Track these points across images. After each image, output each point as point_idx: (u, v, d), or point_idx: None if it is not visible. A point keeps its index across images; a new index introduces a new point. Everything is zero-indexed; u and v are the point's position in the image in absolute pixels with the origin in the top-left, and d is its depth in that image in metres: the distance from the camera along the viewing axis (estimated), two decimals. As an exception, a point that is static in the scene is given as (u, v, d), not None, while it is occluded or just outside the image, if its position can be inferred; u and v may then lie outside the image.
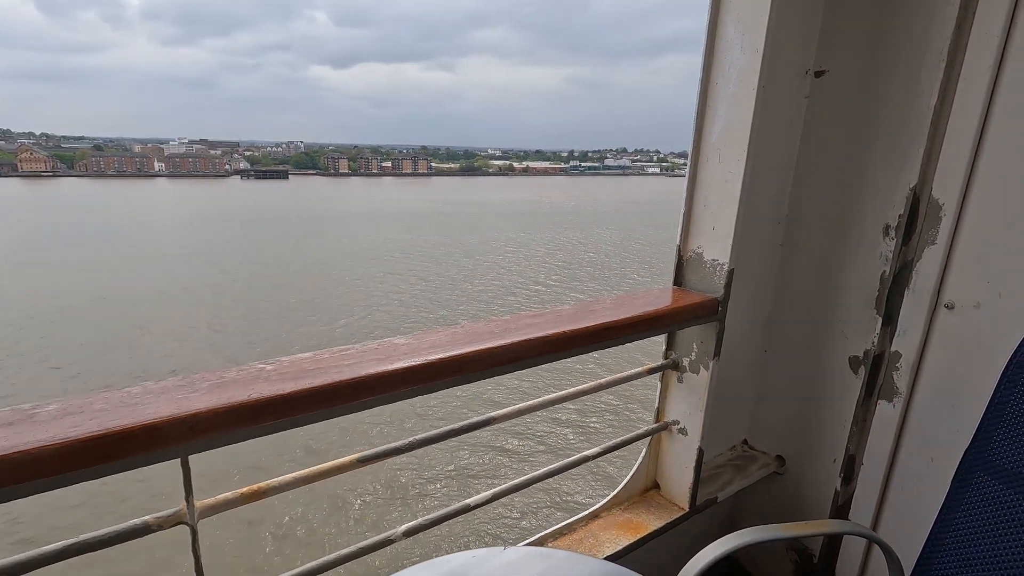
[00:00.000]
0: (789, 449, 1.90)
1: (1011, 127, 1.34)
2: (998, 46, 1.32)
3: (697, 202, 1.51)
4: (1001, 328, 1.39)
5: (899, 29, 1.47)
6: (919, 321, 1.53)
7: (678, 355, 1.61)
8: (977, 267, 1.42)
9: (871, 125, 1.55)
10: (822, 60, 1.63)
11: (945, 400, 1.51)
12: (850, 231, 1.64)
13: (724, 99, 1.41)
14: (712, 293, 1.50)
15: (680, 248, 1.56)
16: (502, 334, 1.11)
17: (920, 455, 1.58)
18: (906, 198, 1.50)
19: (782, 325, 1.84)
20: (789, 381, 1.85)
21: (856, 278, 1.64)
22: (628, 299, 1.43)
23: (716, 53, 1.41)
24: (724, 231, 1.45)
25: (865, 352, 1.65)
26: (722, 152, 1.43)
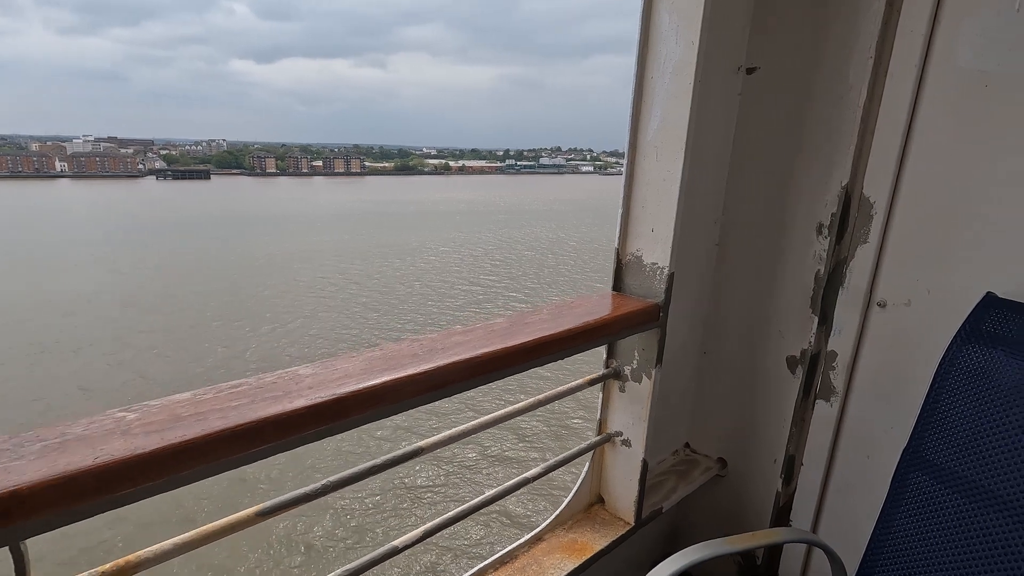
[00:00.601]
0: (731, 451, 1.87)
1: (935, 124, 1.34)
2: (923, 44, 1.32)
3: (635, 203, 1.43)
4: (930, 325, 1.40)
5: (828, 25, 1.46)
6: (853, 320, 1.52)
7: (620, 363, 1.54)
8: (906, 265, 1.43)
9: (802, 122, 1.54)
10: (753, 56, 1.60)
11: (879, 397, 1.52)
12: (784, 230, 1.62)
13: (660, 94, 1.34)
14: (653, 298, 1.43)
15: (619, 251, 1.48)
16: (426, 357, 0.97)
17: (857, 453, 1.58)
18: (838, 196, 1.49)
19: (720, 326, 1.81)
20: (729, 383, 1.83)
21: (791, 278, 1.63)
22: (567, 308, 1.33)
23: (651, 45, 1.34)
24: (663, 233, 1.38)
25: (802, 352, 1.64)
26: (659, 150, 1.36)
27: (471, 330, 1.12)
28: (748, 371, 1.77)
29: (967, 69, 1.28)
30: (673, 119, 1.32)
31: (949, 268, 1.36)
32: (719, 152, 1.65)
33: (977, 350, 1.22)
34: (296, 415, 0.78)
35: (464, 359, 0.99)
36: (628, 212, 1.45)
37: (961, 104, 1.30)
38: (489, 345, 1.05)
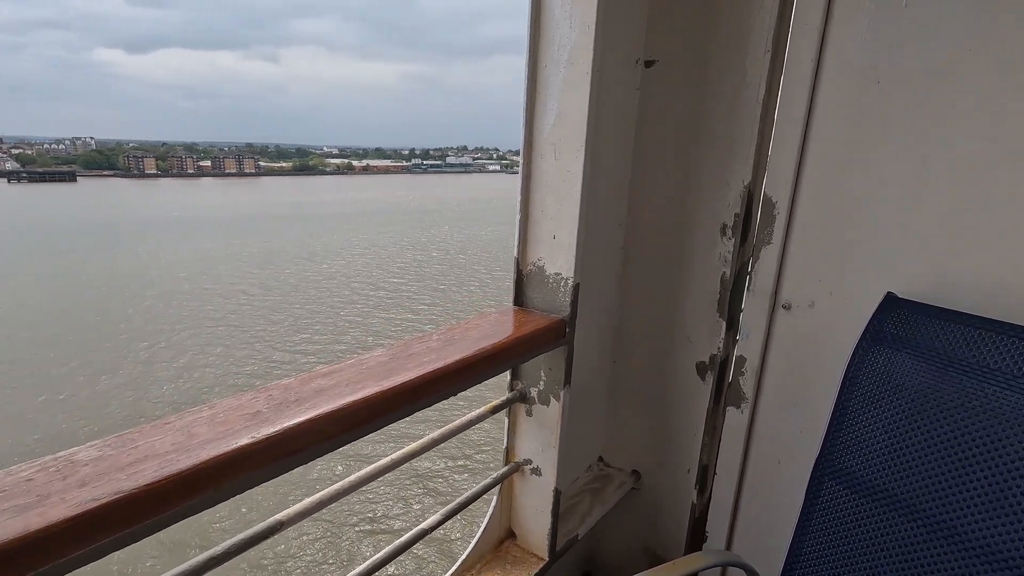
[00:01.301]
0: (644, 463, 1.79)
1: (832, 121, 1.31)
2: (818, 38, 1.28)
3: (534, 207, 1.28)
4: (834, 327, 1.37)
5: (723, 17, 1.39)
6: (760, 323, 1.48)
7: (525, 385, 1.38)
8: (809, 266, 1.39)
9: (703, 119, 1.47)
10: (651, 49, 1.51)
11: (788, 402, 1.48)
12: (689, 232, 1.55)
13: (556, 84, 1.20)
14: (558, 313, 1.29)
15: (519, 261, 1.33)
16: (273, 415, 0.75)
17: (768, 460, 1.54)
18: (741, 196, 1.44)
19: (629, 334, 1.72)
20: (640, 392, 1.74)
21: (697, 281, 1.56)
22: (461, 331, 1.15)
23: (543, 28, 1.19)
24: (566, 240, 1.24)
25: (711, 357, 1.58)
26: (558, 147, 1.22)
27: (338, 369, 0.90)
28: (659, 379, 1.70)
29: (860, 65, 1.25)
30: (572, 113, 1.18)
31: (850, 268, 1.34)
32: (621, 149, 1.55)
33: (882, 353, 1.19)
34: (54, 531, 0.54)
35: (326, 413, 0.77)
36: (527, 217, 1.30)
37: (856, 101, 1.27)
38: (361, 389, 0.84)
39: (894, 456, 1.12)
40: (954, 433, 1.04)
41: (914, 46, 1.19)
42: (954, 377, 1.06)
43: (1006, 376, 1.00)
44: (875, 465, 1.16)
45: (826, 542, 1.23)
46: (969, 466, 1.00)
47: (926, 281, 1.23)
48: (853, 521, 1.18)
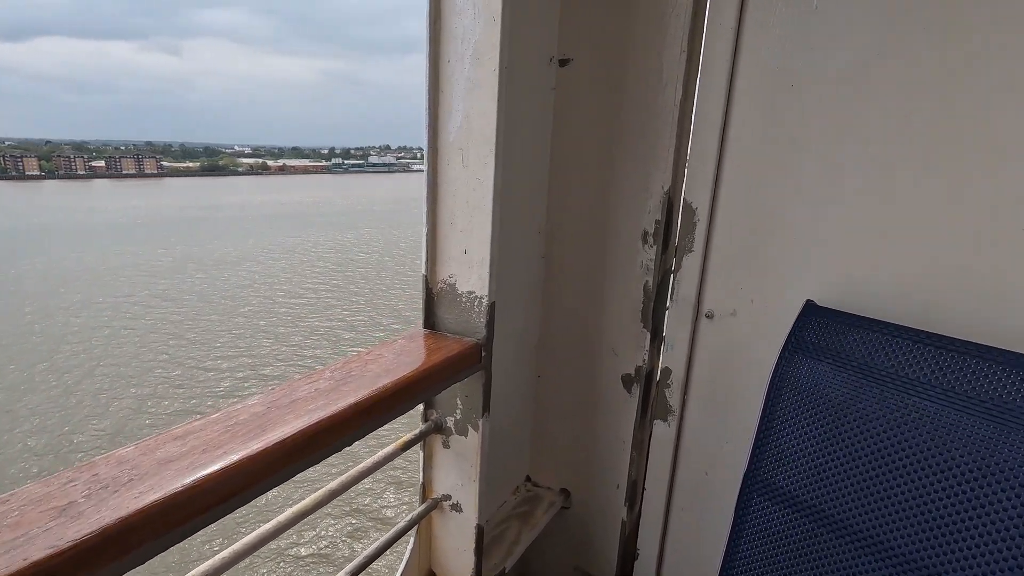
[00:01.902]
0: (573, 480, 1.71)
1: (748, 125, 1.28)
2: (732, 39, 1.24)
3: (442, 219, 1.15)
4: (756, 336, 1.35)
5: (638, 16, 1.33)
6: (684, 333, 1.43)
7: (441, 415, 1.25)
8: (730, 273, 1.36)
9: (621, 121, 1.40)
10: (565, 47, 1.42)
11: (714, 413, 1.45)
12: (610, 240, 1.48)
13: (461, 83, 1.07)
14: (472, 336, 1.16)
15: (427, 279, 1.19)
16: (88, 511, 0.57)
17: (697, 472, 1.50)
18: (661, 202, 1.38)
19: (553, 346, 1.63)
20: (565, 406, 1.66)
21: (621, 290, 1.50)
22: (360, 364, 1.00)
23: (443, 19, 1.06)
24: (479, 255, 1.12)
25: (637, 369, 1.52)
26: (466, 153, 1.10)
27: (196, 429, 0.73)
28: (585, 393, 1.62)
29: (774, 68, 1.22)
30: (479, 115, 1.06)
31: (770, 275, 1.31)
32: (537, 152, 1.45)
33: (804, 363, 1.16)
34: None
35: (164, 498, 0.60)
36: (435, 230, 1.16)
37: (771, 105, 1.24)
38: (220, 456, 0.68)
39: (819, 470, 1.10)
40: (876, 445, 1.02)
41: (826, 50, 1.17)
42: (874, 387, 1.04)
43: (924, 386, 0.99)
44: (801, 479, 1.13)
45: (757, 558, 1.19)
46: (892, 479, 0.98)
47: (844, 287, 1.22)
48: (783, 536, 1.15)
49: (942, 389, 0.97)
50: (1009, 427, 0.88)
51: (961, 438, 0.92)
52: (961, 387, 0.95)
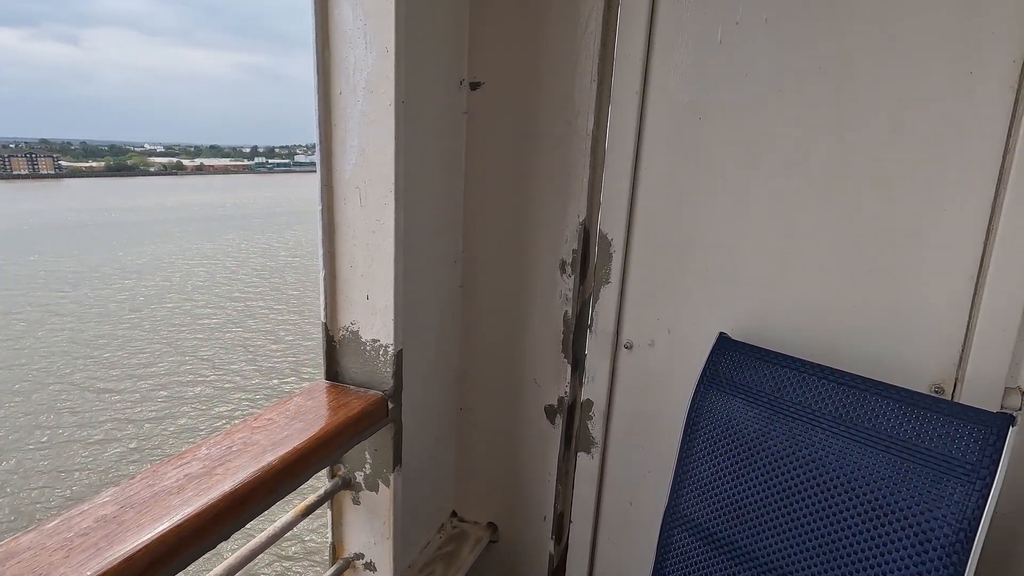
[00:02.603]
0: (500, 514, 1.66)
1: (660, 156, 1.27)
2: (641, 70, 1.22)
3: (341, 262, 1.06)
4: (674, 366, 1.34)
5: (549, 41, 1.29)
6: (604, 365, 1.41)
7: (349, 470, 1.16)
8: (648, 304, 1.35)
9: (536, 148, 1.36)
10: (476, 70, 1.36)
11: (636, 444, 1.44)
12: (529, 268, 1.44)
13: (355, 117, 0.98)
14: (379, 387, 1.08)
15: (327, 326, 1.10)
16: None
17: (621, 503, 1.49)
18: (577, 232, 1.35)
19: (476, 378, 1.57)
20: (490, 439, 1.60)
21: (541, 320, 1.46)
22: (246, 433, 0.89)
23: (333, 49, 0.97)
24: (382, 302, 1.04)
25: (559, 400, 1.48)
26: (363, 192, 1.01)
27: (19, 550, 0.61)
28: (509, 424, 1.57)
29: (683, 100, 1.21)
30: (376, 151, 0.98)
31: (685, 306, 1.31)
32: (451, 178, 1.38)
33: (719, 397, 1.16)
34: None
35: None
36: (333, 274, 1.07)
37: (682, 137, 1.23)
38: None
39: (735, 505, 1.10)
40: (788, 481, 1.03)
41: (731, 83, 1.17)
42: (784, 423, 1.05)
43: (829, 421, 1.00)
44: (719, 515, 1.12)
45: (679, 595, 1.18)
46: (803, 517, 0.99)
47: (757, 318, 1.23)
48: (704, 572, 1.15)
49: (845, 425, 0.98)
50: (907, 464, 0.90)
51: (864, 475, 0.94)
52: (863, 423, 0.97)
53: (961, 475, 0.85)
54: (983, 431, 0.85)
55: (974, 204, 1.04)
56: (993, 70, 0.98)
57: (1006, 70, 0.97)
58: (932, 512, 0.86)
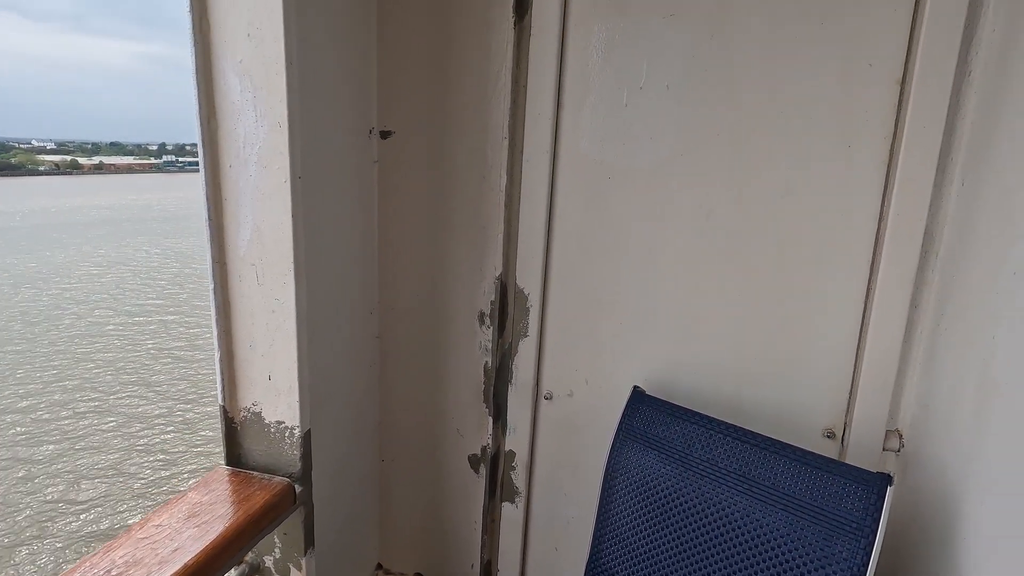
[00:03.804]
0: (428, 564, 1.63)
1: (572, 214, 1.28)
2: (551, 129, 1.23)
3: (239, 342, 0.99)
4: (593, 415, 1.37)
5: (461, 95, 1.27)
6: (525, 416, 1.41)
7: (257, 555, 1.09)
8: (565, 356, 1.36)
9: (451, 200, 1.33)
10: (387, 119, 1.32)
11: (559, 492, 1.45)
12: (448, 319, 1.41)
13: (247, 192, 0.92)
14: (285, 470, 1.02)
15: (226, 409, 1.02)
16: None
17: (547, 549, 1.50)
18: (495, 285, 1.34)
19: (396, 429, 1.53)
20: (414, 490, 1.57)
21: (462, 370, 1.44)
22: (127, 551, 0.81)
23: (220, 120, 0.90)
24: (285, 382, 0.98)
25: (483, 449, 1.47)
26: (260, 270, 0.95)
27: None
28: (433, 474, 1.54)
29: (593, 160, 1.23)
30: (272, 228, 0.92)
31: (601, 358, 1.33)
32: (362, 228, 1.33)
33: (634, 451, 1.19)
34: None
35: None
36: (231, 354, 1.00)
37: (593, 194, 1.25)
38: None
39: (651, 560, 1.13)
40: (699, 537, 1.06)
41: (637, 145, 1.20)
42: (694, 479, 1.09)
43: (735, 479, 1.05)
44: (637, 568, 1.15)
45: (603, 646, 1.20)
46: (715, 573, 1.03)
47: (668, 369, 1.27)
48: (624, 624, 1.17)
49: (749, 483, 1.03)
50: (803, 522, 0.96)
51: (766, 532, 0.99)
52: (765, 481, 1.02)
53: (848, 533, 0.91)
54: (865, 491, 0.92)
55: (855, 264, 1.12)
56: (868, 145, 1.06)
57: (878, 146, 1.05)
58: (824, 569, 0.91)
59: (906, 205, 1.04)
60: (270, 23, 0.83)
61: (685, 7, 1.11)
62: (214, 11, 0.85)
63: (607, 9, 1.15)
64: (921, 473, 1.09)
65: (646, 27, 1.14)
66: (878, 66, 1.02)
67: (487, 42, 1.22)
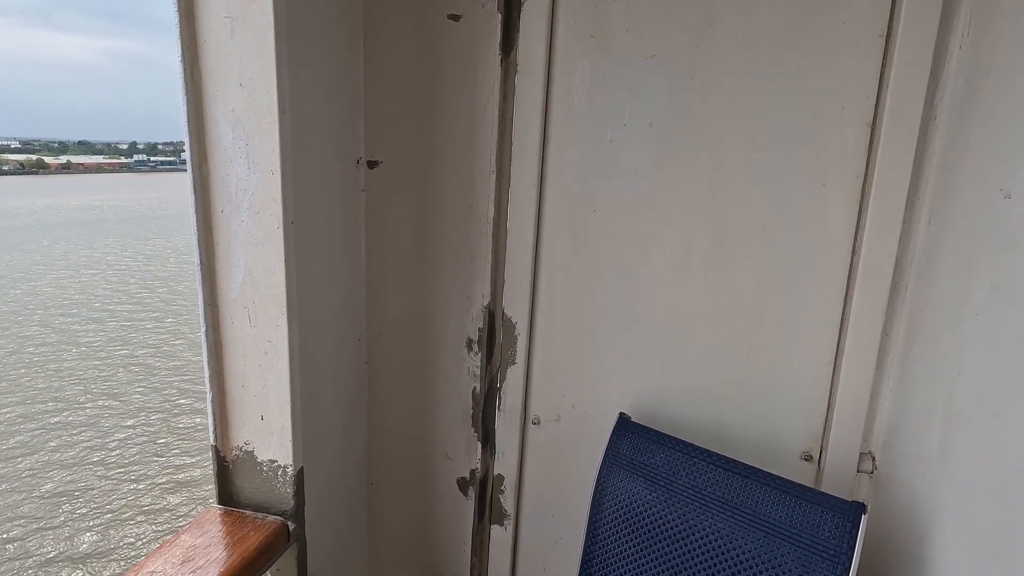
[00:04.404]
0: None
1: (559, 245, 1.31)
2: (538, 163, 1.25)
3: (230, 383, 1.00)
4: (580, 440, 1.40)
5: (448, 128, 1.29)
6: (513, 440, 1.44)
7: None
8: (552, 381, 1.39)
9: (438, 229, 1.35)
10: (373, 150, 1.33)
11: (547, 514, 1.48)
12: (435, 345, 1.43)
13: (239, 236, 0.93)
14: (278, 508, 1.03)
15: (217, 448, 1.03)
16: None
17: (535, 570, 1.53)
18: (482, 313, 1.37)
19: (385, 452, 1.54)
20: (403, 511, 1.58)
21: (449, 395, 1.46)
22: None
23: (212, 166, 0.91)
24: (278, 422, 0.99)
25: (472, 472, 1.49)
26: (253, 312, 0.96)
27: None
28: (422, 497, 1.56)
29: (578, 193, 1.26)
30: (265, 272, 0.93)
31: (587, 383, 1.36)
32: (349, 254, 1.35)
33: (622, 478, 1.22)
34: None
35: None
36: (222, 394, 1.00)
37: (578, 227, 1.28)
38: None
39: (640, 584, 1.16)
40: (685, 563, 1.10)
41: (621, 180, 1.23)
42: (679, 506, 1.13)
43: (718, 505, 1.09)
44: (626, 593, 1.18)
45: (592, 667, 1.24)
46: (698, 597, 1.07)
47: (652, 395, 1.31)
48: (612, 645, 1.20)
49: (732, 509, 1.07)
50: (783, 547, 1.00)
51: (748, 557, 1.03)
52: (747, 508, 1.06)
53: (826, 559, 0.96)
54: (842, 518, 0.96)
55: (830, 295, 1.17)
56: (841, 183, 1.11)
57: (851, 184, 1.10)
58: (803, 594, 0.96)
59: (877, 241, 1.09)
60: (263, 74, 0.84)
61: (666, 49, 1.14)
62: (205, 60, 0.86)
63: (591, 49, 1.18)
64: (893, 496, 1.14)
65: (629, 67, 1.17)
66: (850, 109, 1.07)
67: (474, 76, 1.24)
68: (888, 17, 1.02)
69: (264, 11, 0.82)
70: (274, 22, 0.82)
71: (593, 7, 1.16)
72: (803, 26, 1.07)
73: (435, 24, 1.25)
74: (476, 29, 1.22)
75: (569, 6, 1.18)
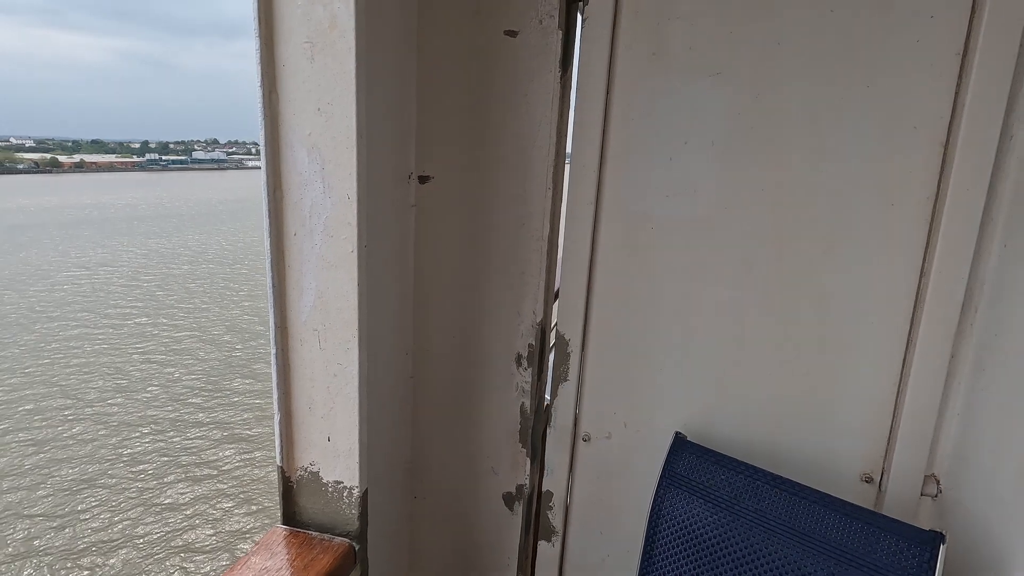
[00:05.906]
0: None
1: (615, 262, 1.30)
2: (595, 182, 1.24)
3: (298, 404, 0.99)
4: (631, 458, 1.39)
5: (501, 145, 1.28)
6: (563, 457, 1.43)
7: None
8: (605, 399, 1.38)
9: (488, 245, 1.35)
10: (424, 165, 1.33)
11: (595, 531, 1.47)
12: (484, 360, 1.43)
13: (312, 260, 0.93)
14: (343, 529, 1.03)
15: (283, 469, 1.03)
16: None
17: None
18: (533, 329, 1.36)
19: (429, 467, 1.54)
20: (447, 526, 1.58)
21: (496, 410, 1.45)
22: None
23: (286, 190, 0.90)
24: (345, 445, 0.99)
25: (518, 487, 1.49)
26: (323, 335, 0.95)
27: None
28: (467, 512, 1.55)
29: (635, 211, 1.25)
30: (337, 296, 0.93)
31: (641, 401, 1.35)
32: (399, 268, 1.34)
33: (680, 498, 1.21)
34: None
35: None
36: (289, 416, 1.00)
37: (635, 244, 1.27)
38: None
39: (700, 607, 1.15)
40: (748, 588, 1.09)
41: (681, 198, 1.22)
42: (742, 529, 1.11)
43: (784, 529, 1.07)
44: (684, 614, 1.17)
45: None
46: (764, 624, 1.06)
47: (707, 415, 1.30)
48: (669, 666, 1.19)
49: (799, 535, 1.06)
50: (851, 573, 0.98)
51: (817, 584, 1.01)
52: (815, 534, 1.04)
53: (902, 589, 0.94)
54: (920, 549, 0.95)
55: (896, 317, 1.15)
56: (910, 204, 1.09)
57: (921, 206, 1.08)
58: (879, 625, 0.94)
59: (948, 262, 1.07)
60: (341, 100, 0.84)
61: (731, 67, 1.13)
62: (283, 85, 0.85)
63: (652, 66, 1.17)
64: (961, 521, 1.12)
65: (691, 84, 1.16)
66: (923, 129, 1.05)
67: (529, 92, 1.24)
68: (965, 36, 1.00)
69: (345, 37, 0.81)
70: (355, 48, 0.82)
71: (655, 24, 1.15)
72: (875, 45, 1.05)
73: (491, 40, 1.24)
74: (533, 46, 1.21)
75: (630, 24, 1.16)
